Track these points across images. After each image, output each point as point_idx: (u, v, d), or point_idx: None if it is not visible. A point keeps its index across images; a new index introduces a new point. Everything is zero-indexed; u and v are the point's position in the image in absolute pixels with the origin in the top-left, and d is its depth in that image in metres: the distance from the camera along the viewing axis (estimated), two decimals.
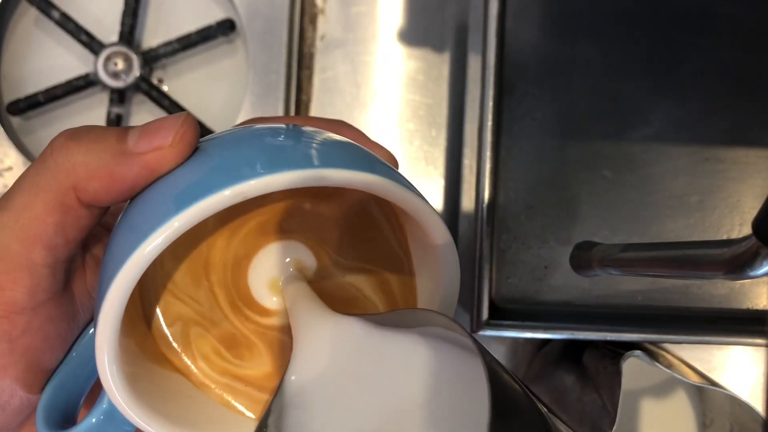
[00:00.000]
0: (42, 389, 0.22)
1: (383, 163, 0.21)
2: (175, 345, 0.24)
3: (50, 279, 0.21)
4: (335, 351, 0.20)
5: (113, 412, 0.21)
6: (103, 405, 0.21)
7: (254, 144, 0.20)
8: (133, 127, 0.21)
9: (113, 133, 0.20)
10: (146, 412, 0.21)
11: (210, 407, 0.23)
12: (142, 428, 0.21)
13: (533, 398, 0.17)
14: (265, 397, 0.24)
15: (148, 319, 0.23)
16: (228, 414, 0.23)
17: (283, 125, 0.22)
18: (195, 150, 0.20)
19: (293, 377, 0.20)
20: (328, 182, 0.19)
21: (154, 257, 0.18)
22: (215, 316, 0.24)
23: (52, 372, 0.23)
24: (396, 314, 0.22)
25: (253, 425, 0.23)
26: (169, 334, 0.24)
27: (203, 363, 0.24)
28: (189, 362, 0.24)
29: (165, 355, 0.24)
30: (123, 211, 0.21)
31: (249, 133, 0.21)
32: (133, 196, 0.20)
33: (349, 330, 0.21)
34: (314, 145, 0.21)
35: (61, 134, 0.21)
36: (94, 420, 0.21)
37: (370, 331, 0.20)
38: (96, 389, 0.23)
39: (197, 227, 0.19)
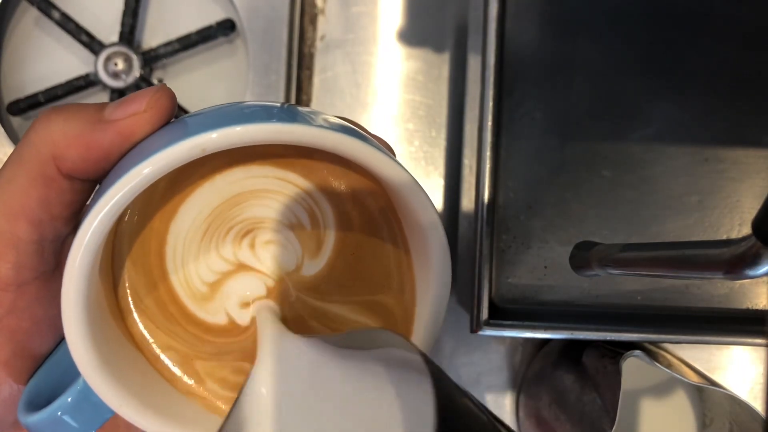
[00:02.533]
0: (30, 379, 0.22)
1: (360, 132, 0.21)
2: (174, 370, 0.23)
3: (36, 257, 0.21)
4: (292, 371, 0.20)
5: (88, 393, 0.20)
6: (78, 386, 0.21)
7: (229, 109, 0.21)
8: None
9: (93, 106, 0.21)
10: (119, 392, 0.20)
11: (194, 409, 0.23)
12: (115, 409, 0.20)
13: (487, 419, 0.17)
14: None
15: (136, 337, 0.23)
16: (211, 417, 0.23)
17: (275, 102, 0.22)
18: (173, 122, 0.21)
19: (249, 395, 0.20)
20: (288, 137, 0.19)
21: (116, 211, 0.19)
22: (223, 349, 0.23)
23: (42, 361, 0.22)
24: (356, 335, 0.22)
25: None
26: (166, 362, 0.23)
27: (215, 385, 0.23)
28: (191, 383, 0.23)
29: (157, 370, 0.23)
30: None
31: (232, 104, 0.22)
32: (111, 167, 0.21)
33: (307, 350, 0.20)
34: (290, 109, 0.21)
35: (45, 110, 0.21)
36: (69, 399, 0.21)
37: (327, 352, 0.20)
38: None
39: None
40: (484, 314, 0.40)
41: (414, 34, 0.49)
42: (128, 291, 0.23)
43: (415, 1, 0.49)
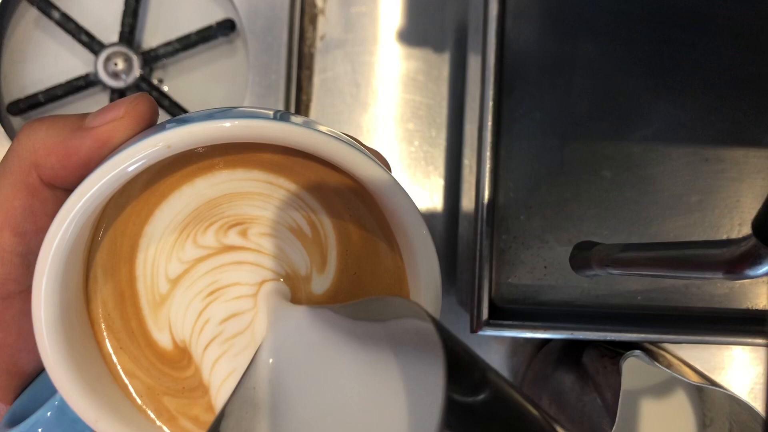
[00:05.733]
0: (17, 398, 0.21)
1: (337, 133, 0.20)
2: (142, 405, 0.22)
3: (22, 270, 0.21)
4: (298, 342, 0.20)
5: (66, 409, 0.20)
6: (56, 401, 0.21)
7: (212, 111, 0.20)
8: None
9: (75, 115, 0.21)
10: (94, 406, 0.20)
11: None
12: (91, 425, 0.20)
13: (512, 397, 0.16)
14: None
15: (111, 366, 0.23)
16: None
17: (266, 109, 0.22)
18: (152, 127, 0.21)
19: (256, 366, 0.20)
20: (257, 134, 0.19)
21: (84, 212, 0.18)
22: (186, 385, 0.23)
23: (30, 381, 0.22)
24: (369, 303, 0.21)
25: None
26: (136, 398, 0.22)
27: (190, 423, 0.22)
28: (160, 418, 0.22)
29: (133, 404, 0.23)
30: None
31: (222, 108, 0.21)
32: None
33: (313, 321, 0.20)
34: (266, 111, 0.21)
35: (29, 121, 0.21)
36: (48, 414, 0.20)
37: (340, 323, 0.20)
38: None
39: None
40: (484, 314, 0.40)
41: (414, 34, 0.49)
42: (99, 304, 0.22)
43: (415, 1, 0.49)
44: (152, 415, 0.22)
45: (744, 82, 0.44)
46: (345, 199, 0.23)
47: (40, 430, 0.20)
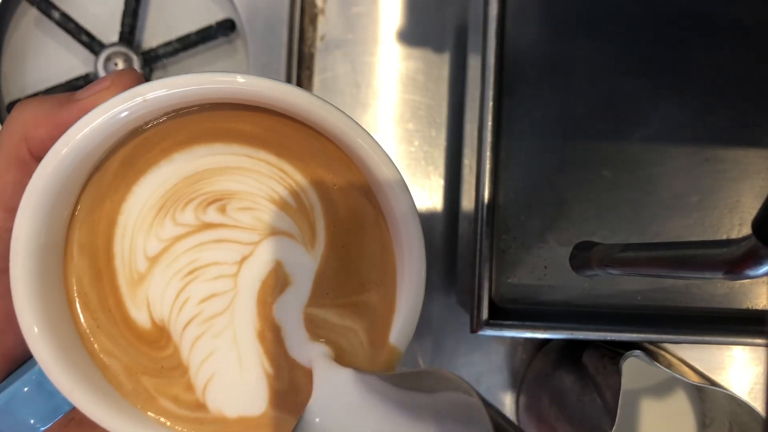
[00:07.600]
0: (3, 380, 0.21)
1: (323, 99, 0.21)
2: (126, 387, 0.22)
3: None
4: (344, 404, 0.20)
5: (44, 382, 0.20)
6: (34, 375, 0.20)
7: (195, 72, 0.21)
8: None
9: (64, 93, 0.21)
10: (71, 375, 0.20)
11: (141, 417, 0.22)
12: (66, 394, 0.20)
13: None
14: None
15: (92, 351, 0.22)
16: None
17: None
18: None
19: (303, 425, 0.20)
20: (238, 87, 0.19)
21: (59, 175, 0.19)
22: (164, 365, 0.22)
23: (16, 367, 0.22)
24: (416, 374, 0.21)
25: None
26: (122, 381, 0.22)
27: (169, 403, 0.22)
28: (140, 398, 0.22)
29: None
30: None
31: None
32: None
33: (366, 385, 0.20)
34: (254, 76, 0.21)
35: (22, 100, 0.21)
36: (26, 389, 0.20)
37: (386, 390, 0.20)
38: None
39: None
40: (484, 314, 0.40)
41: (414, 34, 0.49)
42: (75, 281, 0.22)
43: (415, 1, 0.49)
44: (130, 393, 0.22)
45: (744, 82, 0.44)
46: (332, 172, 0.23)
47: (12, 402, 0.20)
